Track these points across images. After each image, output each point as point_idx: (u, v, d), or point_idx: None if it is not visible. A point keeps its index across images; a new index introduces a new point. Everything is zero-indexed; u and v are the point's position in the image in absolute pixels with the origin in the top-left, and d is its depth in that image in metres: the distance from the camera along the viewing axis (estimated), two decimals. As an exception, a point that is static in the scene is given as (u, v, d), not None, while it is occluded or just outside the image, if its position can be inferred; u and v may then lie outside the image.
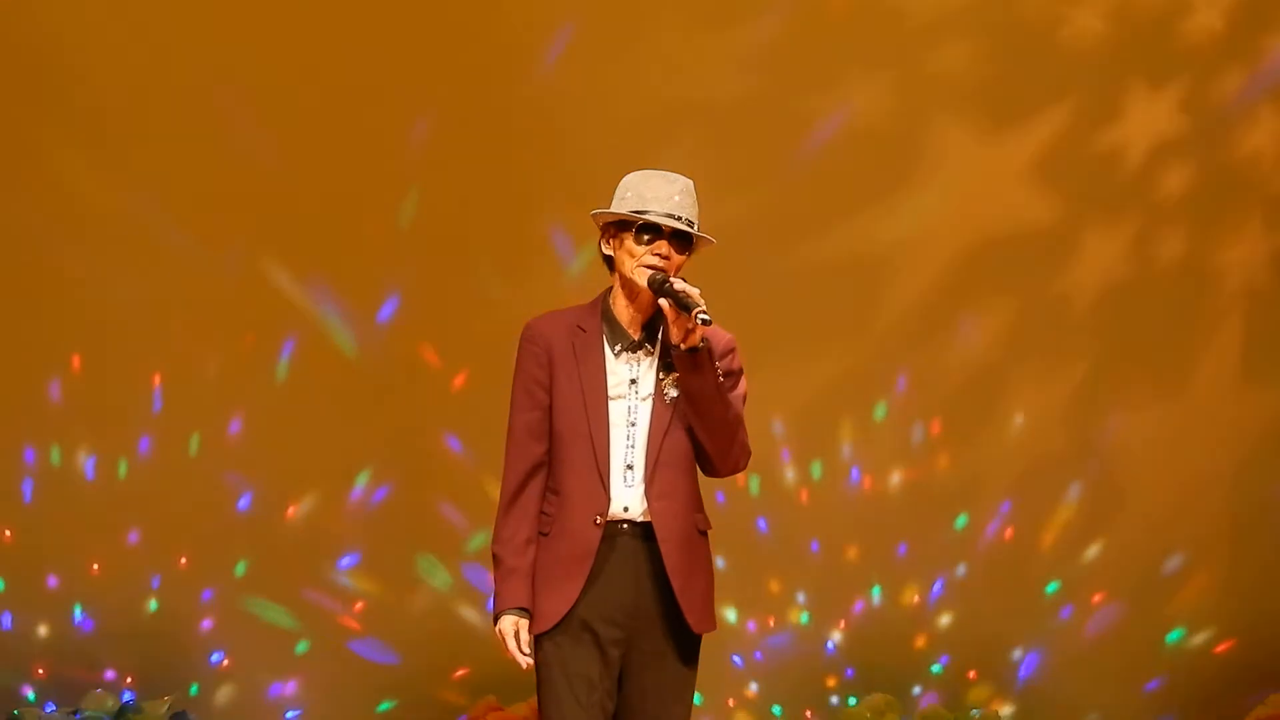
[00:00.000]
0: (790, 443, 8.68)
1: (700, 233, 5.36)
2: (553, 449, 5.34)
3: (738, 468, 5.42)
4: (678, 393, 5.33)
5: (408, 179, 8.56)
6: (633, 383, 5.35)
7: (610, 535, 5.29)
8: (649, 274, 5.29)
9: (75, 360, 8.53)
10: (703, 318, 5.16)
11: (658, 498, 5.30)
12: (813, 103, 8.60)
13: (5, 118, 8.51)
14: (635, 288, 5.35)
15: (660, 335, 5.38)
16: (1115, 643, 8.73)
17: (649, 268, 5.30)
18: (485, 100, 8.51)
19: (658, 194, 5.32)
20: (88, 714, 8.37)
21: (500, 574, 5.32)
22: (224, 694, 8.55)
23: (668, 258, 5.32)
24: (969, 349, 8.67)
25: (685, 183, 5.38)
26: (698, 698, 5.81)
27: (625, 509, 5.30)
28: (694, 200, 5.38)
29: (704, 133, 8.46)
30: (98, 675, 8.50)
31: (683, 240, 5.35)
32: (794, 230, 8.58)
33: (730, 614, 8.59)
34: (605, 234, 5.41)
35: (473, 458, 8.46)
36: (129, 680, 8.50)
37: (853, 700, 8.59)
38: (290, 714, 8.58)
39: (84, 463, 8.55)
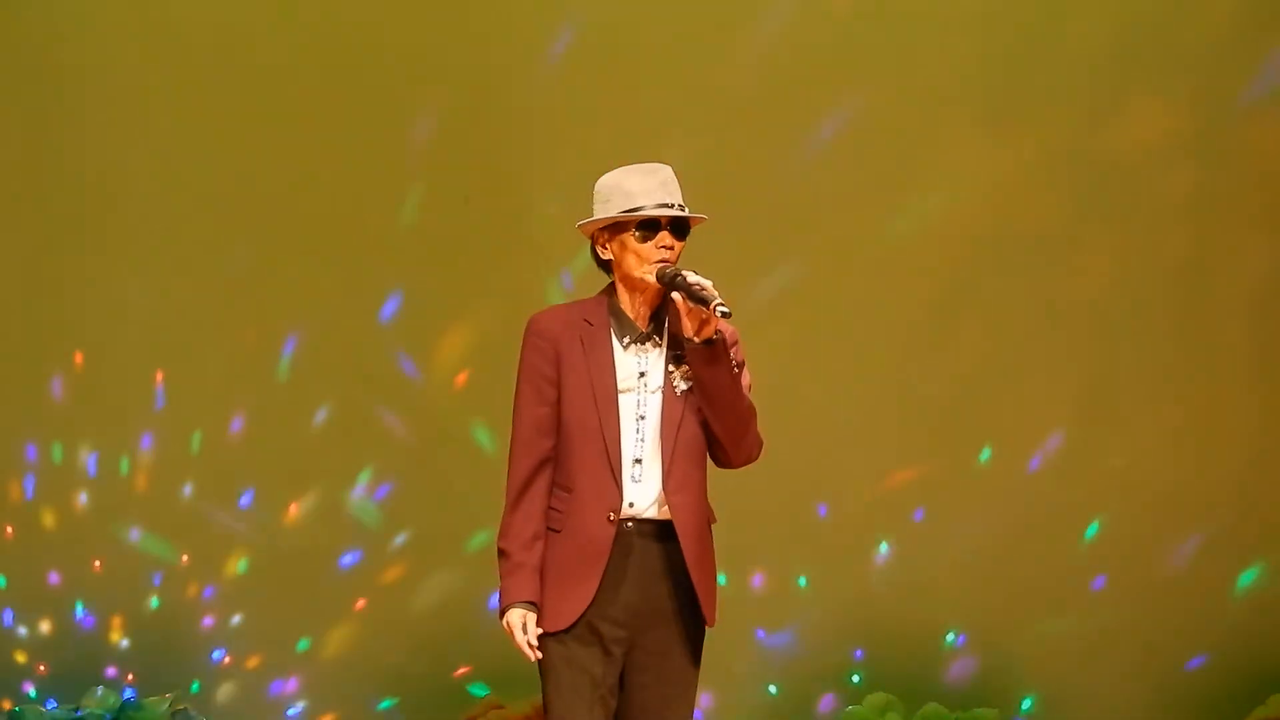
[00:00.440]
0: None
1: (693, 213, 5.31)
2: (560, 444, 5.27)
3: (751, 458, 5.38)
4: (688, 385, 5.29)
5: (409, 178, 8.56)
6: (641, 375, 5.29)
7: (620, 533, 5.23)
8: (658, 269, 5.24)
9: (78, 357, 8.53)
10: (722, 310, 5.09)
11: (675, 491, 5.25)
12: (815, 101, 8.61)
13: (5, 117, 8.51)
14: (641, 282, 5.29)
15: (667, 326, 5.32)
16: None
17: (658, 262, 5.25)
18: (486, 100, 8.50)
19: (644, 188, 5.26)
20: (89, 711, 8.36)
21: (507, 568, 5.24)
22: (225, 691, 8.54)
23: (671, 248, 5.27)
24: (972, 349, 8.66)
25: (664, 169, 5.33)
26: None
27: (631, 504, 5.24)
28: (677, 184, 5.32)
29: (705, 132, 8.45)
30: (99, 672, 8.49)
31: (680, 226, 5.30)
32: (794, 230, 8.58)
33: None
34: (599, 240, 5.34)
35: (474, 456, 8.45)
36: (130, 678, 8.50)
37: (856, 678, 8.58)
38: (291, 711, 8.58)
39: (86, 459, 8.54)
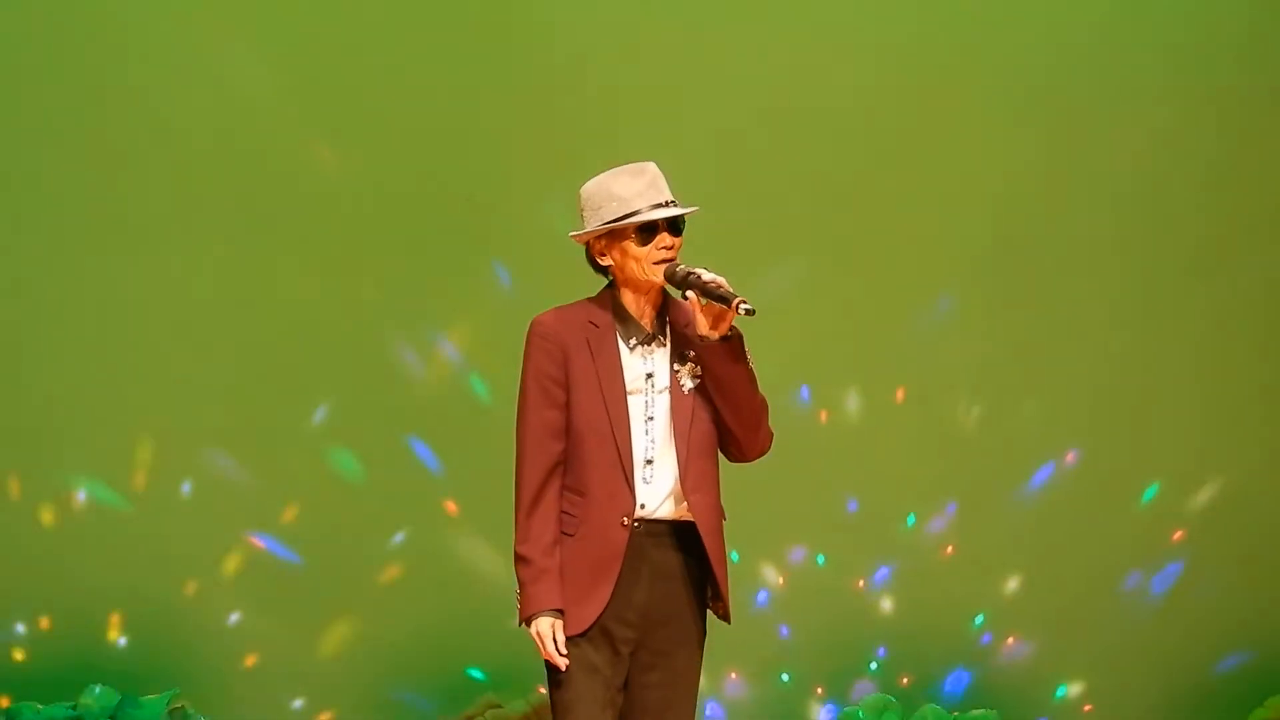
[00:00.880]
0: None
1: (686, 205, 5.30)
2: (570, 448, 5.25)
3: (764, 451, 5.39)
4: (696, 383, 5.28)
5: (411, 177, 8.55)
6: (649, 376, 5.28)
7: (632, 535, 5.23)
8: (665, 269, 5.23)
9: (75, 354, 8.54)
10: (745, 309, 5.08)
11: (693, 490, 5.26)
12: (818, 100, 8.61)
13: (5, 116, 8.50)
14: (646, 284, 5.29)
15: (669, 325, 5.32)
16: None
17: (662, 263, 5.24)
18: (489, 99, 8.51)
19: (634, 190, 5.24)
20: (87, 710, 8.35)
21: (530, 574, 5.22)
22: (226, 689, 8.53)
23: (671, 247, 5.26)
24: (983, 344, 8.67)
25: (650, 166, 5.30)
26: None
27: (643, 506, 5.24)
28: (664, 179, 5.31)
29: (708, 133, 8.47)
30: (98, 670, 8.47)
31: (676, 222, 5.28)
32: (794, 229, 8.57)
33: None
34: (595, 248, 5.32)
35: (476, 456, 8.44)
36: (129, 675, 8.48)
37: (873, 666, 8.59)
38: (290, 708, 8.57)
39: (84, 457, 8.53)
